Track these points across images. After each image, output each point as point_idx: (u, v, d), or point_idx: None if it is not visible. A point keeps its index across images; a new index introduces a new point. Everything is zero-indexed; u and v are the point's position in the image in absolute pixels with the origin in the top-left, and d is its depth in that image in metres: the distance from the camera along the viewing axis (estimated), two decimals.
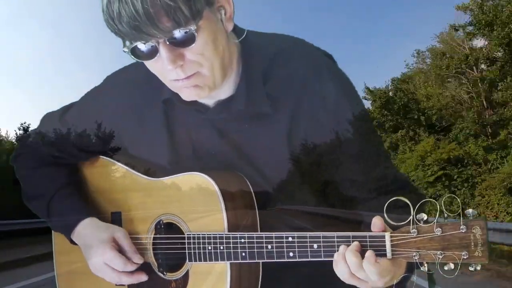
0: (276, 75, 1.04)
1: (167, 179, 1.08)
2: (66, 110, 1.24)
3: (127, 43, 0.88)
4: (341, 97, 1.05)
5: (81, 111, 1.22)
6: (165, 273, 1.07)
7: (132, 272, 1.07)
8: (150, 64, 0.94)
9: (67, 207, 1.15)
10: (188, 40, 0.87)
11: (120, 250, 1.07)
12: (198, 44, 0.89)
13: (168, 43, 0.87)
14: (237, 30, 1.03)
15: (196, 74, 0.93)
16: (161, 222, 1.08)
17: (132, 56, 0.91)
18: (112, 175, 1.18)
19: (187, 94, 0.97)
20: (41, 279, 5.51)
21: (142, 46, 0.88)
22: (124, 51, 0.91)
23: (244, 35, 1.03)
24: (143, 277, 1.08)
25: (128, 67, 1.14)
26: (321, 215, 1.09)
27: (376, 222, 0.86)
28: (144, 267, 1.08)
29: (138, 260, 1.07)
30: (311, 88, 1.04)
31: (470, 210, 0.80)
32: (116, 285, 1.11)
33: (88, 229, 1.11)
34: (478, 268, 0.80)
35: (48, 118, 1.26)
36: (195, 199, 1.04)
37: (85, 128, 1.19)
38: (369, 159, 1.06)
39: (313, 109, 1.04)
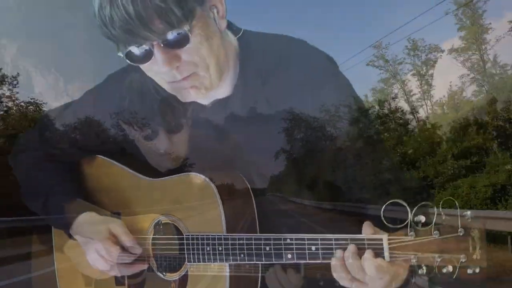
0: (276, 78, 1.04)
1: (165, 180, 1.08)
2: (64, 108, 1.24)
3: (121, 47, 0.88)
4: (340, 101, 1.04)
5: (79, 109, 1.22)
6: (164, 273, 1.07)
7: (130, 264, 1.06)
8: (146, 68, 0.94)
9: (65, 203, 1.14)
10: (182, 40, 0.87)
11: (118, 242, 1.06)
12: (192, 44, 0.88)
13: (162, 45, 0.87)
14: (234, 29, 1.02)
15: (192, 75, 0.93)
16: (160, 222, 1.08)
17: (128, 61, 0.90)
18: (111, 175, 1.17)
19: (186, 96, 0.98)
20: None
21: (136, 50, 0.88)
22: (120, 56, 0.91)
23: (240, 34, 1.02)
24: (142, 267, 1.07)
25: (128, 66, 1.14)
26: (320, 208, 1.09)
27: (366, 229, 0.85)
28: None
29: (137, 250, 1.05)
30: (311, 92, 1.03)
31: (469, 212, 0.79)
32: (116, 284, 1.12)
33: (85, 223, 1.11)
34: (477, 271, 0.78)
35: (46, 116, 1.26)
36: (192, 199, 1.04)
37: (83, 126, 1.19)
38: (370, 161, 1.06)
39: (311, 113, 1.03)
